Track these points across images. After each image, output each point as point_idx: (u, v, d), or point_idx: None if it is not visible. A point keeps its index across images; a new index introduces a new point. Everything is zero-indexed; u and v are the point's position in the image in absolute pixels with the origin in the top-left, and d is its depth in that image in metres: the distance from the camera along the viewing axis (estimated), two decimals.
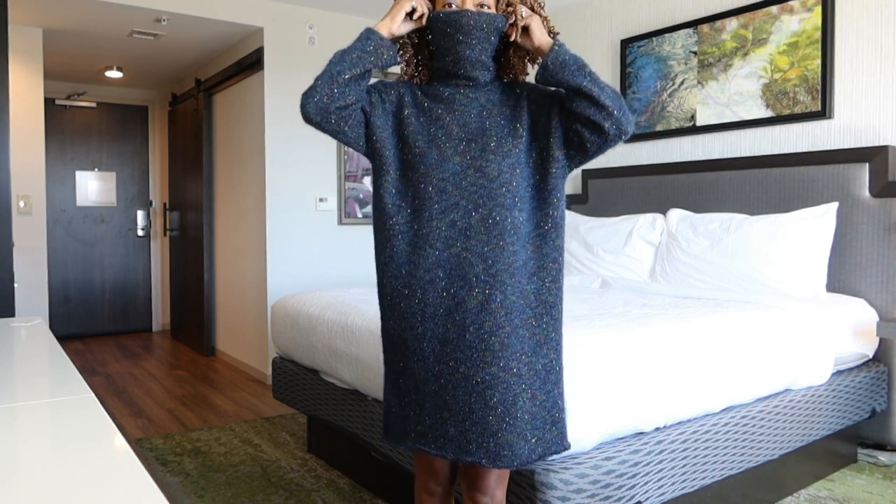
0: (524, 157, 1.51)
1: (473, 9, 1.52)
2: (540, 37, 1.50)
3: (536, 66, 1.56)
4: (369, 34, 1.49)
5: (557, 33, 1.58)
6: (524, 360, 1.45)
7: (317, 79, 1.47)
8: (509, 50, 1.59)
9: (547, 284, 1.50)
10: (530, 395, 1.45)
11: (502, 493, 1.54)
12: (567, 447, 1.52)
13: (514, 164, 1.49)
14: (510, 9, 1.53)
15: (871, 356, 2.87)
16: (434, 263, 1.47)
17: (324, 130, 1.51)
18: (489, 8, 1.53)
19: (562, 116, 1.50)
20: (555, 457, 1.76)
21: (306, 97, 1.46)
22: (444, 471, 1.61)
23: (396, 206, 1.52)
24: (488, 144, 1.50)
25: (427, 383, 1.48)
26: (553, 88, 1.54)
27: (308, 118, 1.48)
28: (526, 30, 1.51)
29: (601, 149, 1.49)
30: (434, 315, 1.47)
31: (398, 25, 1.53)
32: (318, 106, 1.46)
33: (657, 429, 2.00)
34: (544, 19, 1.56)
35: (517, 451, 1.42)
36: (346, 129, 1.50)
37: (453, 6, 1.52)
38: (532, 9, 1.56)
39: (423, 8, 1.54)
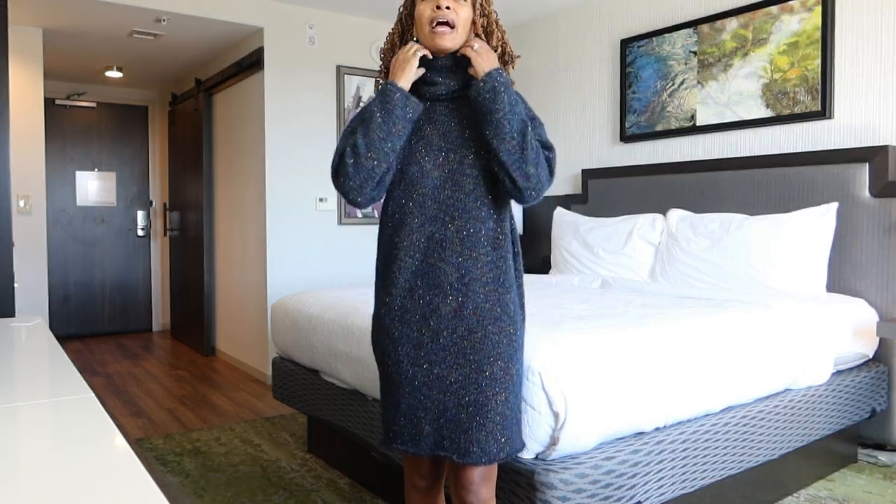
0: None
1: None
2: (479, 65, 1.52)
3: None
4: (408, 101, 1.50)
5: (518, 56, 1.63)
6: (500, 364, 1.50)
7: (355, 177, 1.50)
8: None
9: (521, 293, 1.60)
10: (503, 397, 1.50)
11: (488, 492, 1.56)
12: (524, 444, 1.61)
13: (490, 178, 1.54)
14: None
15: (871, 356, 2.87)
16: (413, 273, 1.53)
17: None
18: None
19: None
20: (554, 456, 1.76)
21: (355, 196, 1.53)
22: (426, 466, 1.67)
23: (383, 222, 1.60)
24: (467, 157, 1.54)
25: (401, 386, 1.55)
26: (527, 114, 1.56)
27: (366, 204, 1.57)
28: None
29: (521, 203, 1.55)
30: (410, 321, 1.54)
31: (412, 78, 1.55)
32: (371, 198, 1.55)
33: (657, 429, 2.00)
34: (501, 39, 1.59)
35: (486, 449, 1.48)
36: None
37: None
38: (486, 17, 1.57)
39: (423, 50, 1.56)
